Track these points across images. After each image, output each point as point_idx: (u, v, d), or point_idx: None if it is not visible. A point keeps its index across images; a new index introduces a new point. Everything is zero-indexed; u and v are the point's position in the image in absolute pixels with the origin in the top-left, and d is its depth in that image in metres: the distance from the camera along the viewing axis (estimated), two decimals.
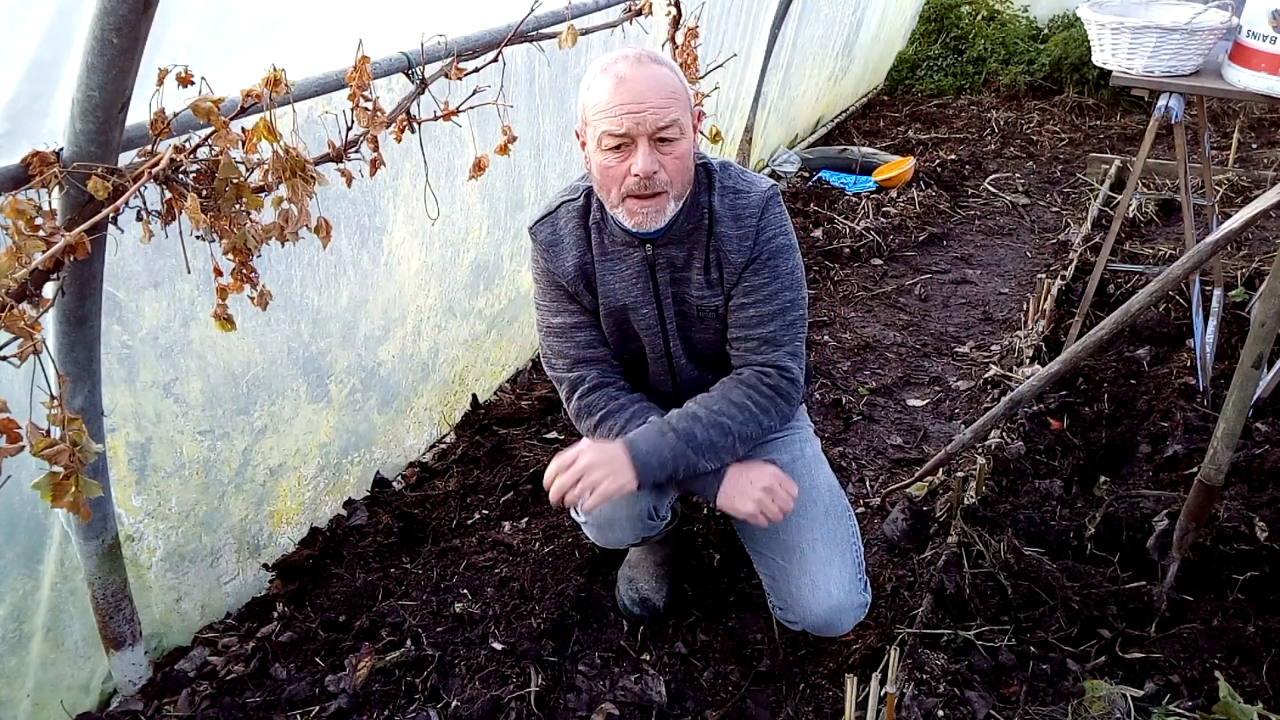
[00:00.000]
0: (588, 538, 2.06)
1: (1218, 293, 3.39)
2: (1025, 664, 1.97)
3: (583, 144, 1.73)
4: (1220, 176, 4.64)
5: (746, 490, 1.75)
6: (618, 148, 1.63)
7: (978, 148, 5.67)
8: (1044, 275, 3.83)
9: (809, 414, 2.20)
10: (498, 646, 2.08)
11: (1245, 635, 1.97)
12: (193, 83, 1.38)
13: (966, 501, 2.40)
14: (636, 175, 1.63)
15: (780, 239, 1.80)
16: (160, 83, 1.36)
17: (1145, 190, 4.59)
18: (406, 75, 1.98)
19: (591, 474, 1.67)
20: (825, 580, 1.83)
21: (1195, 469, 2.10)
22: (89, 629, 1.90)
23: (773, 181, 1.85)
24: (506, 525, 2.53)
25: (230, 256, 1.58)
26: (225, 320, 1.62)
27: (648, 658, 2.11)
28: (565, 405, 1.92)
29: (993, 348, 3.45)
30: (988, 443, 2.68)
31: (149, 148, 1.45)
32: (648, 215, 1.69)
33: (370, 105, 1.73)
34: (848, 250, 4.27)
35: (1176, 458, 2.63)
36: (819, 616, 1.84)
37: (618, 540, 1.95)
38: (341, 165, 1.75)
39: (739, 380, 1.82)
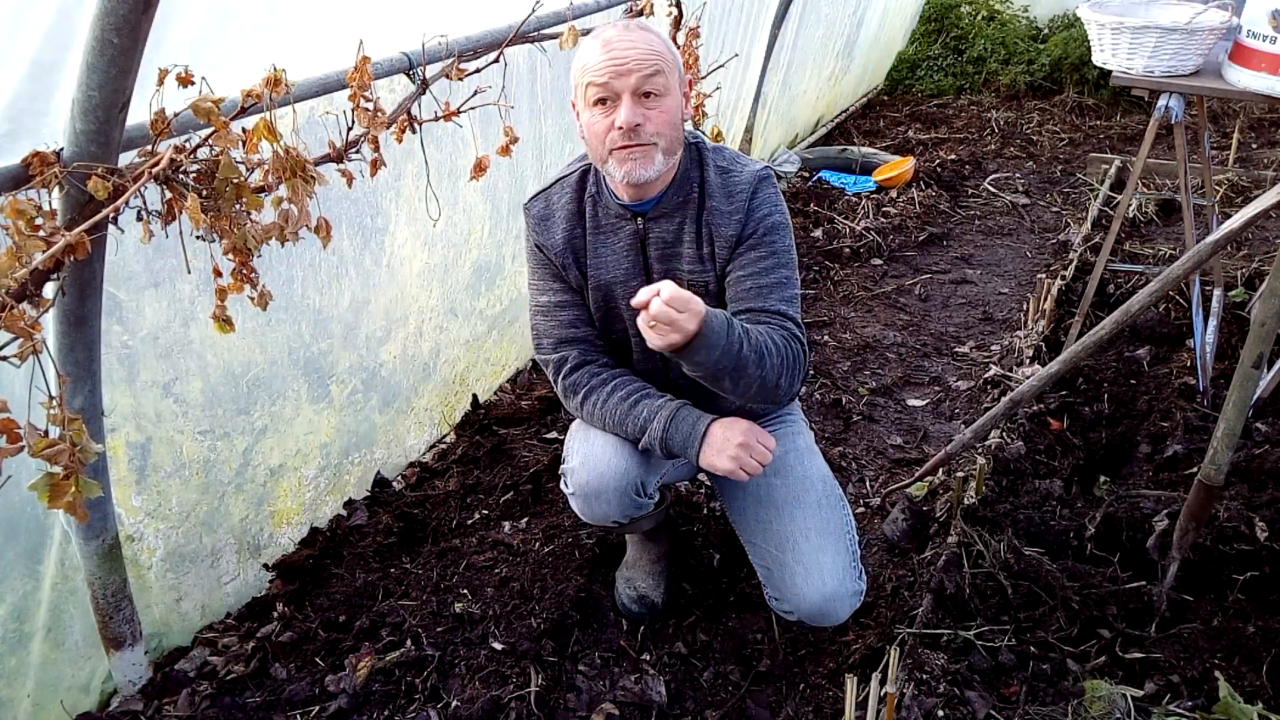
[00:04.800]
0: (584, 529, 2.05)
1: (1218, 293, 3.39)
2: (1025, 664, 1.97)
3: (577, 113, 1.76)
4: (1220, 176, 4.64)
5: (723, 448, 1.74)
6: (603, 101, 1.67)
7: (978, 148, 5.67)
8: (1044, 275, 3.83)
9: (806, 413, 2.20)
10: (498, 646, 2.09)
11: (1245, 635, 1.97)
12: (193, 83, 1.38)
13: (966, 501, 2.40)
14: (620, 128, 1.65)
15: (775, 217, 1.81)
16: (160, 83, 1.36)
17: (1145, 190, 4.59)
18: (407, 76, 1.98)
19: (668, 295, 1.53)
20: (819, 568, 1.83)
21: (1195, 469, 2.10)
22: (89, 629, 1.90)
23: (766, 163, 1.86)
24: (506, 525, 2.53)
25: (230, 257, 1.58)
26: (224, 322, 1.62)
27: (648, 658, 2.11)
28: (554, 388, 1.95)
29: (993, 348, 3.45)
30: (988, 443, 2.68)
31: (149, 148, 1.45)
32: (635, 163, 1.69)
33: (371, 106, 1.73)
34: (848, 250, 4.27)
35: (1176, 458, 2.63)
36: (813, 605, 1.84)
37: (604, 514, 1.93)
38: (342, 166, 1.75)
39: (762, 325, 1.75)
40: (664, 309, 1.50)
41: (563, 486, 2.01)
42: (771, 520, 1.89)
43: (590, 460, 1.89)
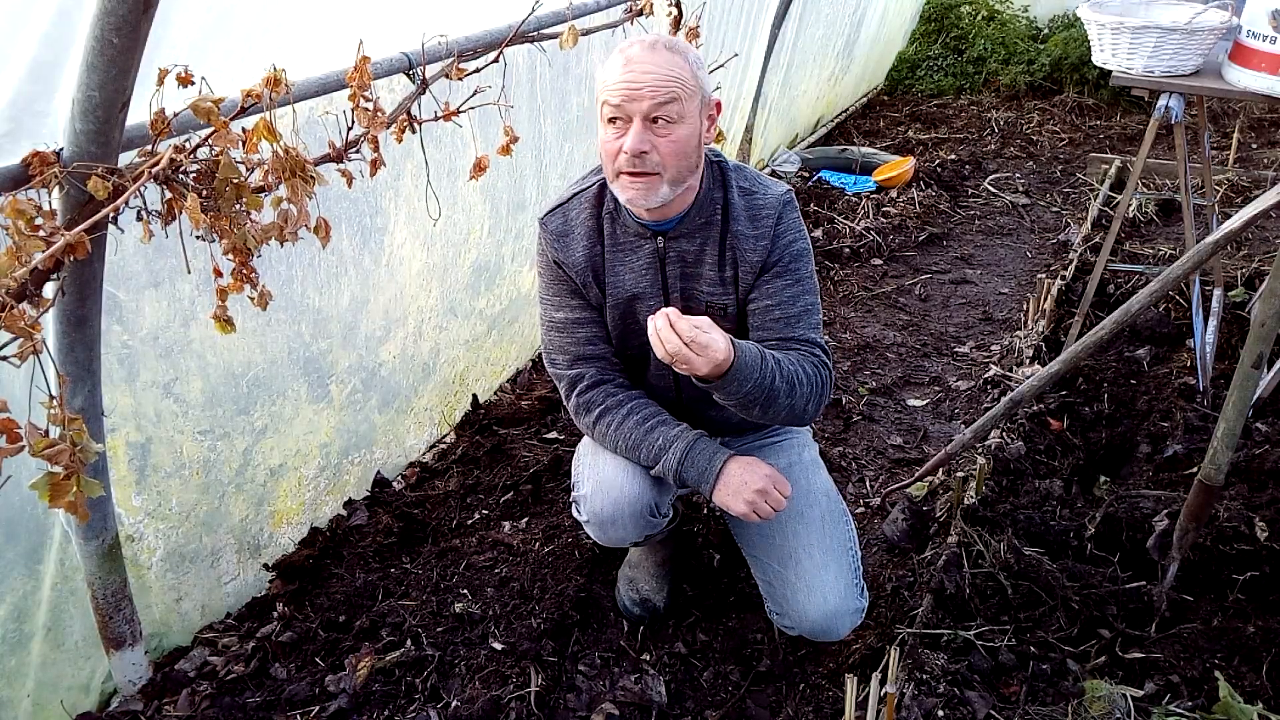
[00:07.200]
0: (588, 537, 2.07)
1: (1218, 293, 3.39)
2: (1025, 664, 1.97)
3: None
4: (1220, 176, 4.64)
5: (739, 490, 1.74)
6: (615, 121, 1.65)
7: (978, 148, 5.67)
8: (1044, 275, 3.83)
9: None
10: (498, 646, 2.09)
11: (1245, 635, 1.97)
12: (193, 83, 1.38)
13: (966, 501, 2.40)
14: (626, 153, 1.63)
15: (800, 243, 1.81)
16: (160, 83, 1.36)
17: (1145, 190, 4.59)
18: (407, 75, 1.98)
19: (701, 327, 1.57)
20: (821, 586, 1.83)
21: (1195, 469, 2.10)
22: (89, 629, 1.90)
23: (789, 186, 1.85)
24: (506, 525, 2.53)
25: (230, 257, 1.58)
26: (225, 322, 1.62)
27: (648, 658, 2.11)
28: (565, 403, 1.93)
29: (993, 348, 3.45)
30: (988, 443, 2.68)
31: (149, 148, 1.45)
32: (638, 192, 1.68)
33: (371, 105, 1.72)
34: (848, 250, 4.27)
35: (1176, 458, 2.63)
36: (815, 622, 1.85)
37: (619, 538, 1.95)
38: (342, 165, 1.75)
39: (792, 353, 1.78)
40: (682, 350, 1.53)
41: (575, 514, 2.01)
42: (774, 535, 1.88)
43: (603, 487, 1.88)
